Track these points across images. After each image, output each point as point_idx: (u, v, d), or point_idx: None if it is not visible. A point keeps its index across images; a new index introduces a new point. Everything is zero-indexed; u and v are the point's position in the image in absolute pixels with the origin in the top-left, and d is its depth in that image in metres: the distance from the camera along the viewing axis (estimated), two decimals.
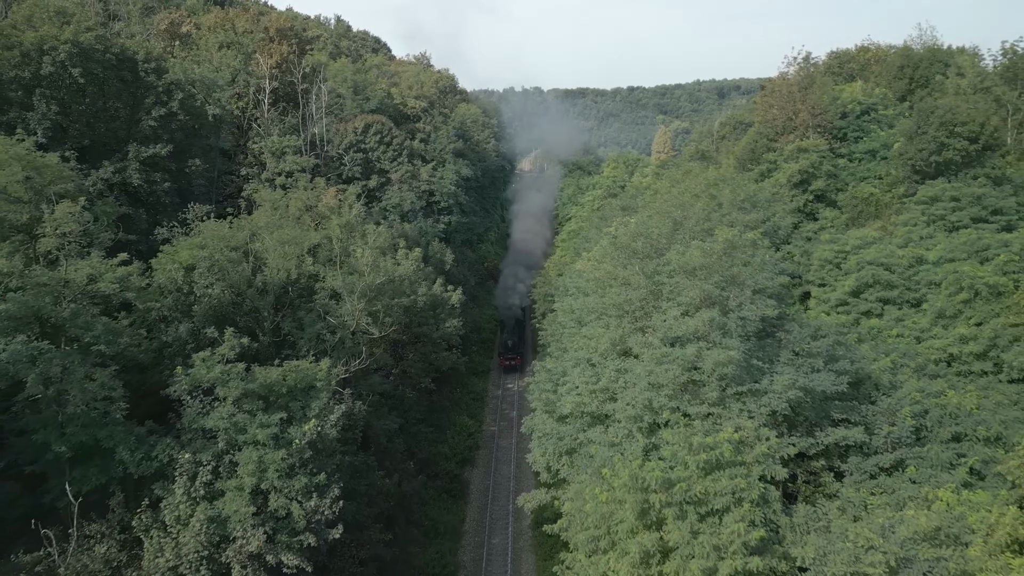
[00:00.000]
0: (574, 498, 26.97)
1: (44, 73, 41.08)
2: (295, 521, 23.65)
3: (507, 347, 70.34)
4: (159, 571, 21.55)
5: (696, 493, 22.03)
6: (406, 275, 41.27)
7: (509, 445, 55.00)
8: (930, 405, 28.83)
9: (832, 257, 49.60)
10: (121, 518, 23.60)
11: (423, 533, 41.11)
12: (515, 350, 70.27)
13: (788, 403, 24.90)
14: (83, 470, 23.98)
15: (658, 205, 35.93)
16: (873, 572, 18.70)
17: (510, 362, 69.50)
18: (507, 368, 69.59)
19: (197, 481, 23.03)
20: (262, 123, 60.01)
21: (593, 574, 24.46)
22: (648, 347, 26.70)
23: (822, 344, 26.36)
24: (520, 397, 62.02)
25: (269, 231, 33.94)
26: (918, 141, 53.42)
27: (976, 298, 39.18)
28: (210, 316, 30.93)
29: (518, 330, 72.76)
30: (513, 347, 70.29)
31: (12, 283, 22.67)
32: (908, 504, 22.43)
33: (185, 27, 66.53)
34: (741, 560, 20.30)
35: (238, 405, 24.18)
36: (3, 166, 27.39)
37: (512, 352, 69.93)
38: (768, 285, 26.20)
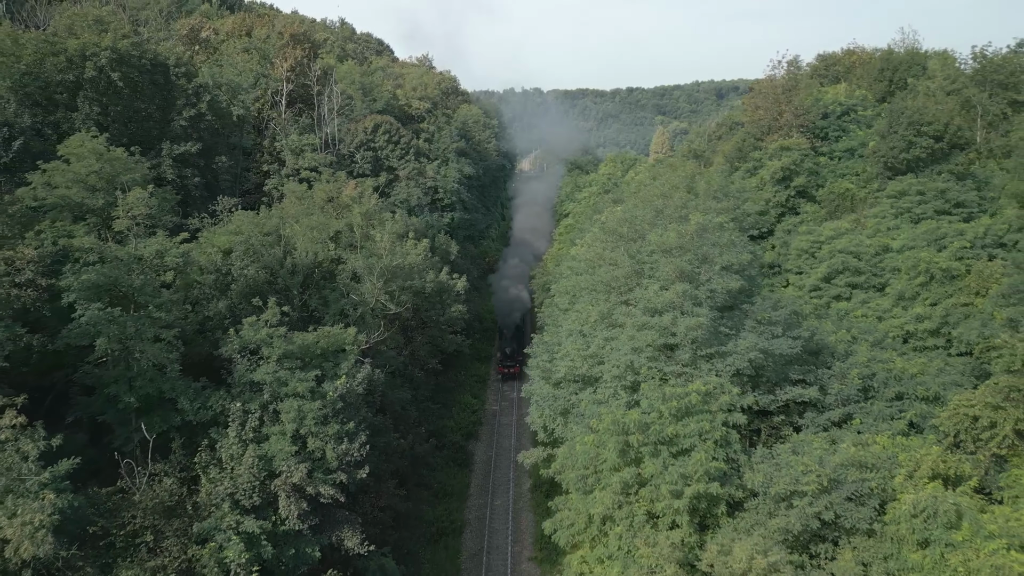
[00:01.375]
0: (567, 447, 31.19)
1: (87, 77, 45.22)
2: (329, 461, 27.83)
3: (505, 355, 68.28)
4: (219, 497, 25.72)
5: (668, 434, 26.24)
6: (415, 263, 45.49)
7: (510, 422, 59.15)
8: (877, 369, 33.03)
9: (808, 247, 53.86)
10: (180, 459, 27.75)
11: (432, 494, 45.32)
12: (514, 358, 67.57)
13: (750, 363, 29.09)
14: (148, 419, 28.10)
15: (642, 195, 40.11)
16: (808, 489, 22.89)
17: (509, 370, 67.55)
18: (505, 376, 67.81)
19: (247, 426, 27.21)
20: (279, 123, 64.23)
21: (582, 508, 28.64)
22: (631, 317, 30.92)
23: (781, 314, 30.53)
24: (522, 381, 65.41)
25: (297, 219, 38.12)
26: (889, 140, 57.66)
27: (932, 281, 43.39)
28: (246, 294, 35.06)
29: (517, 337, 70.27)
30: (512, 355, 67.79)
31: (89, 258, 26.84)
32: (845, 442, 26.58)
33: (204, 32, 70.71)
34: (703, 485, 24.48)
35: (280, 363, 28.37)
36: (80, 159, 31.62)
37: (511, 360, 67.67)
38: (734, 262, 30.40)
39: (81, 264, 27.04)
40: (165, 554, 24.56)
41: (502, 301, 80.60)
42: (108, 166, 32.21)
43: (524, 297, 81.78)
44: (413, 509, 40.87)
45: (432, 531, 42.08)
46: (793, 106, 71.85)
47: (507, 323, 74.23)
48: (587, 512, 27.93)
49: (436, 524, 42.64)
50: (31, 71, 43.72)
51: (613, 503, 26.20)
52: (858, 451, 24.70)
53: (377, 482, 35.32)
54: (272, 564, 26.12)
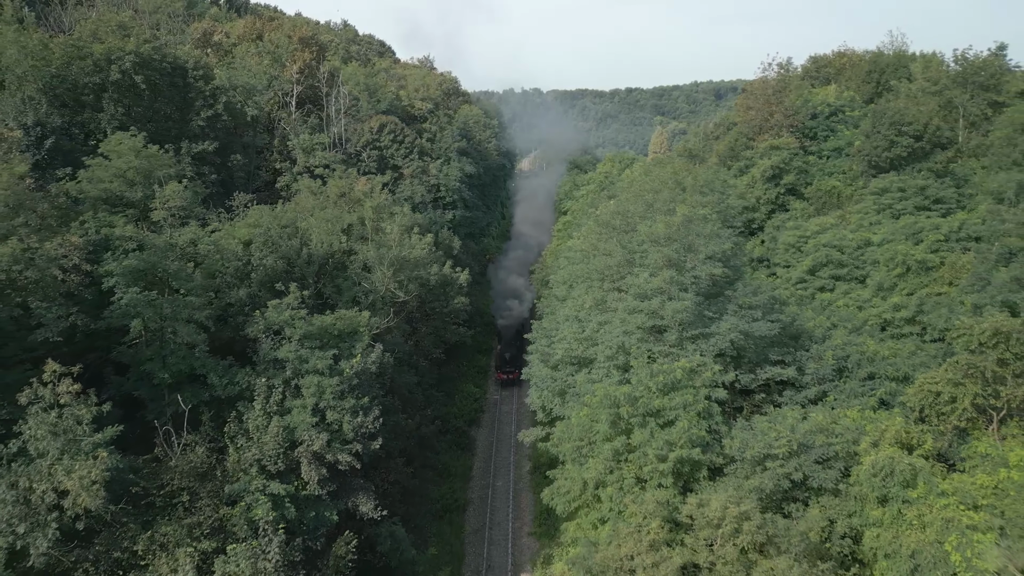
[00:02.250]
0: (564, 424, 33.80)
1: (112, 80, 47.81)
2: (345, 433, 30.40)
3: (505, 360, 66.45)
4: (248, 463, 28.30)
5: (655, 407, 28.85)
6: (421, 256, 48.09)
7: (510, 411, 61.76)
8: (851, 352, 35.64)
9: (795, 241, 56.50)
10: (209, 431, 30.31)
11: (436, 474, 47.93)
12: (513, 363, 65.17)
13: (732, 344, 31.71)
14: (179, 394, 30.65)
15: (634, 190, 42.72)
16: (779, 452, 25.49)
17: (508, 376, 65.83)
18: (505, 383, 66.19)
19: (271, 399, 29.80)
20: (288, 123, 66.82)
21: (577, 476, 31.23)
22: (622, 302, 33.53)
23: (760, 298, 33.14)
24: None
25: (312, 212, 40.72)
26: (873, 139, 60.34)
27: (908, 273, 46.04)
28: (265, 282, 37.66)
29: (517, 342, 66.57)
30: (512, 360, 65.61)
31: (129, 245, 29.42)
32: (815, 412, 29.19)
33: (216, 36, 73.27)
34: (686, 451, 27.07)
35: (301, 343, 30.97)
36: (120, 155, 34.24)
37: (510, 366, 65.64)
38: (717, 251, 32.99)
39: (121, 251, 29.63)
40: (200, 513, 27.15)
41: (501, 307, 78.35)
42: (145, 162, 34.91)
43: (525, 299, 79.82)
44: (419, 487, 43.48)
45: (437, 508, 44.70)
46: (783, 107, 74.51)
47: (506, 327, 72.21)
48: (582, 479, 30.51)
49: (441, 501, 45.27)
50: (60, 74, 46.30)
51: (605, 469, 28.80)
52: (826, 419, 27.30)
53: (386, 459, 37.92)
54: (295, 525, 28.68)
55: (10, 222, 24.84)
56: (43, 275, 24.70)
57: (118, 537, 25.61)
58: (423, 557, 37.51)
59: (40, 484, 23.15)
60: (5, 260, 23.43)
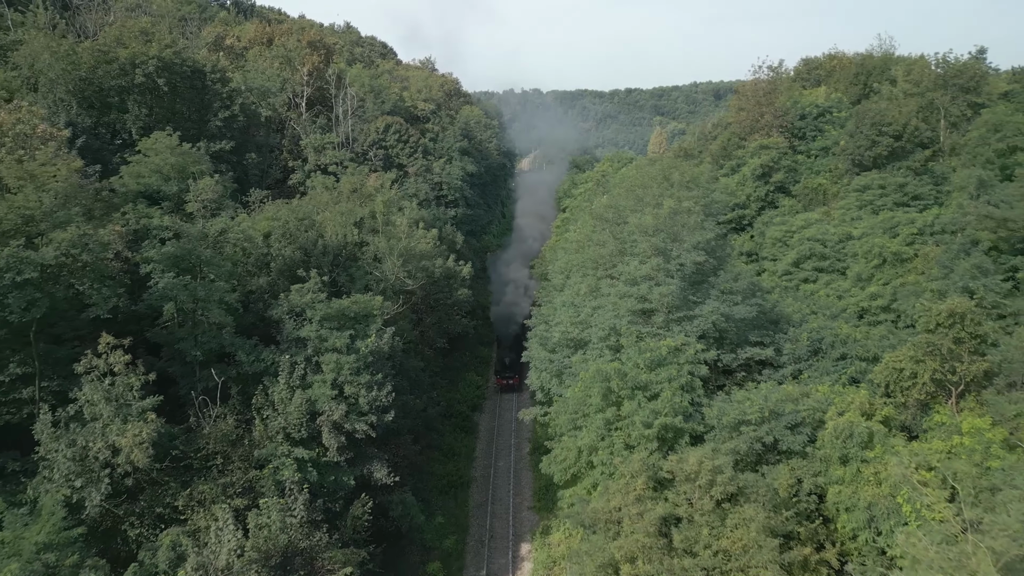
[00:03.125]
0: (561, 400, 36.80)
1: (136, 83, 50.81)
2: (361, 406, 33.37)
3: (504, 365, 65.05)
4: (275, 431, 31.30)
5: (642, 380, 31.85)
6: (426, 250, 51.10)
7: (511, 397, 64.71)
8: (825, 334, 38.65)
9: (781, 236, 59.55)
10: (237, 404, 33.30)
11: (442, 454, 50.95)
12: (513, 368, 64.07)
13: (713, 325, 34.72)
14: (209, 371, 33.65)
15: (626, 185, 45.72)
16: (752, 417, 28.50)
17: (508, 381, 64.27)
18: (504, 388, 64.72)
19: (294, 375, 32.77)
20: (298, 123, 69.85)
21: (572, 445, 34.20)
22: (614, 288, 36.54)
23: (741, 284, 36.15)
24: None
25: (326, 206, 43.71)
26: (856, 139, 63.38)
27: (884, 264, 49.04)
28: (283, 271, 40.66)
29: (517, 347, 63.79)
30: (511, 365, 64.29)
31: (166, 234, 32.43)
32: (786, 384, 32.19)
33: (228, 40, 76.27)
34: (669, 419, 30.06)
35: (321, 324, 33.95)
36: (158, 153, 37.23)
37: (510, 371, 64.36)
38: (700, 240, 35.99)
39: (158, 240, 32.65)
40: (232, 474, 30.14)
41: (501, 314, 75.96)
42: (179, 159, 37.94)
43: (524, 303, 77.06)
44: (426, 464, 46.51)
45: (443, 484, 47.70)
46: (773, 108, 77.57)
47: (505, 332, 70.62)
48: (576, 447, 33.47)
49: (446, 478, 48.27)
50: (88, 77, 49.28)
51: (597, 437, 31.79)
52: (795, 389, 30.33)
53: (396, 435, 40.91)
54: (316, 488, 31.64)
55: (68, 211, 27.83)
56: (96, 259, 27.65)
57: (161, 494, 28.62)
58: (430, 525, 40.48)
59: (95, 443, 26.14)
60: (65, 244, 26.42)
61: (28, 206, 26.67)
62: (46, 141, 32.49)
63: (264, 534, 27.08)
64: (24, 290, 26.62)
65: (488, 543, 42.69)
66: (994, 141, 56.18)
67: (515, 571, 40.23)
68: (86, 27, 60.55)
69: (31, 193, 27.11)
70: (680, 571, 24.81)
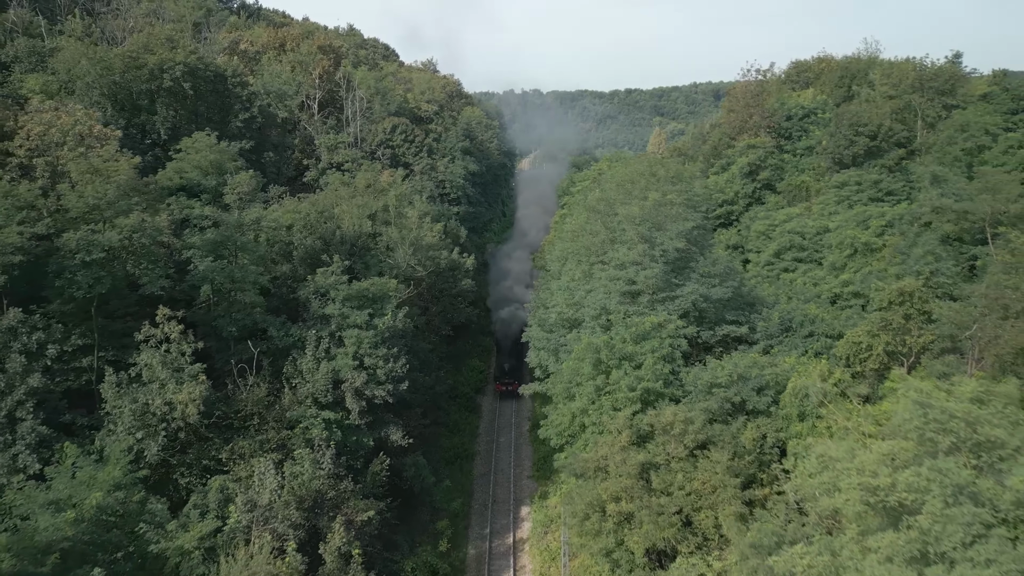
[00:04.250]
0: (557, 373, 40.91)
1: (164, 87, 54.92)
2: (379, 376, 37.50)
3: (504, 370, 63.35)
4: (304, 395, 35.42)
5: (629, 352, 35.97)
6: (433, 242, 55.27)
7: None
8: (795, 314, 42.77)
9: (764, 230, 63.70)
10: (268, 375, 37.40)
11: (448, 430, 55.11)
12: (513, 374, 62.64)
13: (693, 304, 38.84)
14: (242, 346, 37.77)
15: (616, 180, 49.86)
16: (722, 380, 32.62)
17: (508, 387, 62.50)
18: (504, 394, 63.02)
19: (320, 348, 36.90)
20: (310, 124, 74.05)
21: (566, 411, 38.30)
22: (605, 272, 40.67)
23: (718, 268, 40.28)
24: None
25: (342, 201, 47.87)
26: (835, 138, 67.54)
27: (856, 254, 53.16)
28: (305, 259, 44.78)
29: (517, 352, 63.03)
30: (511, 371, 62.82)
31: (205, 223, 36.58)
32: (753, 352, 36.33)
33: (242, 45, 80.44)
34: (651, 383, 34.18)
35: (343, 303, 38.08)
36: (198, 151, 41.41)
37: (509, 376, 62.68)
38: (682, 229, 40.13)
39: (198, 228, 36.82)
40: (267, 432, 34.29)
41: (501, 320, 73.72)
42: (217, 156, 42.14)
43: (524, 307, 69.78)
44: (433, 437, 50.61)
45: (449, 455, 51.88)
46: (761, 109, 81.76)
47: (506, 336, 68.45)
48: (570, 412, 37.57)
49: (452, 451, 52.47)
50: (119, 81, 53.40)
51: (588, 401, 35.89)
52: (762, 358, 34.47)
53: (407, 407, 45.03)
54: (340, 447, 35.76)
55: (128, 200, 31.96)
56: (152, 242, 31.80)
57: (207, 448, 32.81)
58: (440, 488, 44.59)
59: (154, 400, 30.27)
60: (127, 229, 30.55)
61: (96, 196, 30.83)
62: (102, 141, 36.64)
63: (298, 481, 31.27)
64: (91, 269, 30.77)
65: (491, 506, 46.84)
66: (961, 140, 60.31)
67: (516, 530, 44.39)
68: (114, 34, 64.59)
69: (99, 185, 31.25)
70: (657, 507, 28.95)
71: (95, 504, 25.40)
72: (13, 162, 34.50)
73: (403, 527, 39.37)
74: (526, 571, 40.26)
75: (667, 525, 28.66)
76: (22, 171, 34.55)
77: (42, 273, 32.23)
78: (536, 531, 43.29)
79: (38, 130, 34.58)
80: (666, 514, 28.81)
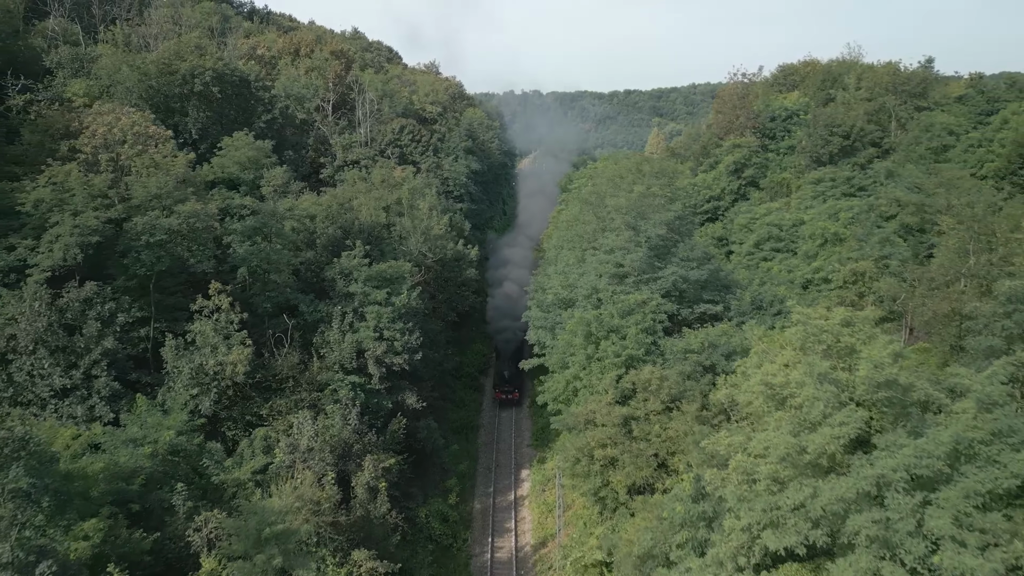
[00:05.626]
0: (552, 347, 46.09)
1: (195, 91, 60.05)
2: (396, 347, 42.67)
3: (503, 378, 62.30)
4: (332, 361, 40.54)
5: (615, 325, 41.11)
6: (440, 232, 60.44)
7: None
8: (765, 294, 47.94)
9: (746, 223, 68.92)
10: (298, 347, 42.53)
11: (454, 405, 60.27)
12: (513, 382, 61.90)
13: (673, 284, 43.98)
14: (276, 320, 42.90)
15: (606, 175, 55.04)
16: (695, 347, 37.77)
17: (507, 396, 61.68)
18: (504, 403, 62.11)
19: (344, 322, 42.06)
20: (325, 125, 79.29)
21: (561, 379, 43.44)
22: (595, 256, 45.85)
23: (696, 253, 45.44)
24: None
25: (360, 194, 53.08)
26: (813, 138, 72.80)
27: (826, 243, 58.34)
28: (327, 246, 49.92)
29: (517, 358, 60.11)
30: (511, 378, 61.90)
31: (244, 212, 41.76)
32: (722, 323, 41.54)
33: (260, 50, 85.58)
34: (634, 351, 39.31)
35: (364, 283, 43.24)
36: (238, 149, 46.61)
37: (509, 384, 61.84)
38: (663, 218, 45.29)
39: (238, 216, 42.02)
40: (300, 393, 39.40)
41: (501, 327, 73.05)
42: (254, 152, 47.39)
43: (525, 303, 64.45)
44: (441, 410, 55.78)
45: (456, 426, 57.08)
46: (746, 111, 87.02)
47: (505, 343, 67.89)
48: (564, 379, 42.74)
49: (459, 422, 57.68)
50: (155, 86, 58.54)
51: (580, 367, 41.07)
52: (731, 328, 39.64)
53: (419, 380, 50.19)
54: (364, 407, 40.88)
55: (185, 190, 37.15)
56: (205, 226, 37.00)
57: (250, 405, 37.98)
58: (448, 451, 49.77)
59: (208, 361, 35.42)
60: (185, 214, 35.75)
61: (159, 186, 36.04)
62: (156, 141, 41.84)
63: (329, 432, 36.40)
64: (153, 249, 35.95)
65: (494, 469, 52.04)
66: (926, 140, 65.52)
67: (516, 489, 49.59)
68: (147, 41, 69.72)
69: (161, 177, 36.45)
70: (637, 452, 34.10)
71: (168, 441, 30.66)
72: (80, 158, 39.64)
73: (417, 481, 44.58)
74: (526, 521, 45.49)
75: (645, 466, 33.81)
76: (88, 166, 39.67)
77: (105, 254, 37.46)
78: (535, 489, 48.50)
79: (102, 130, 39.74)
80: (644, 456, 33.96)
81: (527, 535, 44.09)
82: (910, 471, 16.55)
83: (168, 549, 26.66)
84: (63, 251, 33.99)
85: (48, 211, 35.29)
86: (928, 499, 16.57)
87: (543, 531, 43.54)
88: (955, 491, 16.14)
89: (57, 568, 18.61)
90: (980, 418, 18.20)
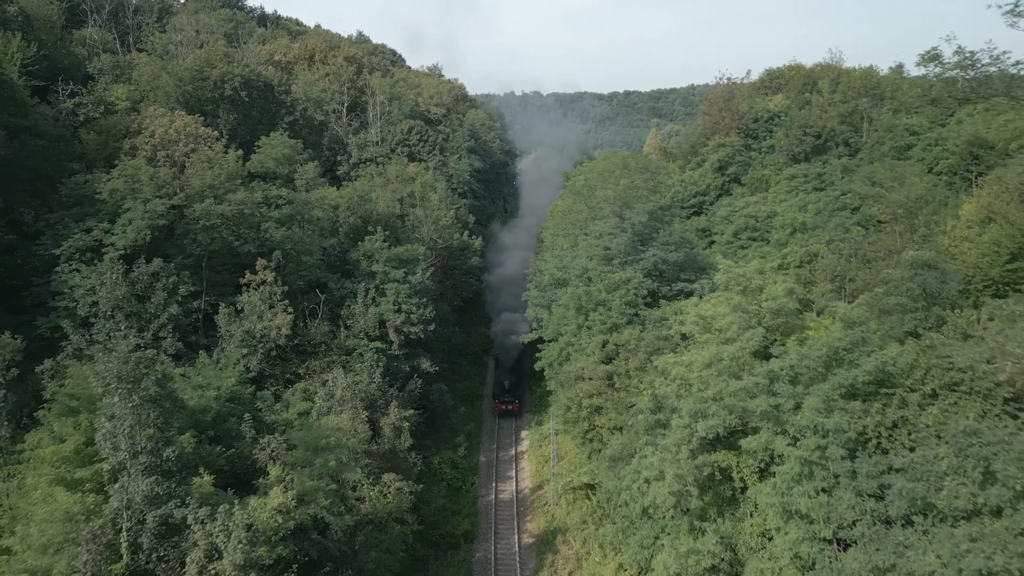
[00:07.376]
0: (548, 319, 52.58)
1: (226, 95, 66.52)
2: (412, 319, 49.15)
3: (503, 388, 61.74)
4: (358, 330, 46.98)
5: (603, 299, 47.60)
6: (448, 223, 66.95)
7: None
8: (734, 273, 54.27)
9: (727, 215, 75.35)
10: (326, 318, 48.98)
11: (460, 377, 66.72)
12: (513, 392, 61.49)
13: (654, 265, 50.45)
14: (308, 296, 49.34)
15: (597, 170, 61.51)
16: (668, 316, 44.22)
17: (507, 406, 60.96)
18: (503, 413, 61.30)
19: (368, 296, 48.54)
20: (340, 126, 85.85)
21: (556, 347, 49.90)
22: (586, 241, 52.34)
23: (674, 238, 51.91)
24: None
25: (377, 188, 59.62)
26: (789, 138, 79.24)
27: (795, 232, 64.75)
28: (348, 233, 56.38)
29: (517, 369, 63.28)
30: (511, 388, 61.59)
31: (280, 201, 48.30)
32: None
33: (277, 56, 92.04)
34: (617, 319, 45.77)
35: (385, 263, 49.72)
36: (274, 147, 53.16)
37: (509, 395, 61.28)
38: (645, 208, 51.75)
39: (275, 205, 48.55)
40: (331, 356, 45.89)
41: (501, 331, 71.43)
42: (289, 150, 53.95)
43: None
44: (449, 379, 62.25)
45: (462, 395, 63.51)
46: (731, 112, 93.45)
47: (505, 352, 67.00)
48: (559, 347, 49.21)
49: (465, 392, 64.14)
50: (189, 91, 65.01)
51: (572, 335, 47.54)
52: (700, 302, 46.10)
53: (430, 352, 56.68)
54: (385, 369, 47.36)
55: (234, 182, 43.67)
56: (252, 212, 43.47)
57: (289, 365, 44.44)
58: (457, 413, 56.24)
59: (255, 326, 41.87)
60: (236, 202, 42.22)
61: (214, 177, 42.54)
62: (207, 141, 48.33)
63: (359, 386, 42.86)
64: (208, 232, 42.41)
65: (497, 430, 58.50)
66: (888, 140, 71.97)
67: (517, 445, 56.07)
68: (169, 48, 76.20)
69: (216, 170, 42.96)
70: (618, 400, 40.58)
71: (229, 387, 37.10)
72: (141, 154, 46.13)
73: (431, 435, 51.10)
74: (525, 471, 52.02)
75: (624, 411, 40.25)
76: (148, 161, 46.15)
77: (164, 236, 43.95)
78: (533, 445, 55.00)
79: (160, 131, 46.22)
80: (623, 403, 40.41)
81: (526, 480, 50.61)
82: (795, 369, 22.95)
83: (238, 465, 33.06)
84: (136, 232, 40.48)
85: (121, 199, 41.77)
86: (807, 392, 23.05)
87: (540, 477, 50.06)
88: (826, 385, 22.53)
89: (178, 454, 25.02)
90: (844, 332, 24.75)
